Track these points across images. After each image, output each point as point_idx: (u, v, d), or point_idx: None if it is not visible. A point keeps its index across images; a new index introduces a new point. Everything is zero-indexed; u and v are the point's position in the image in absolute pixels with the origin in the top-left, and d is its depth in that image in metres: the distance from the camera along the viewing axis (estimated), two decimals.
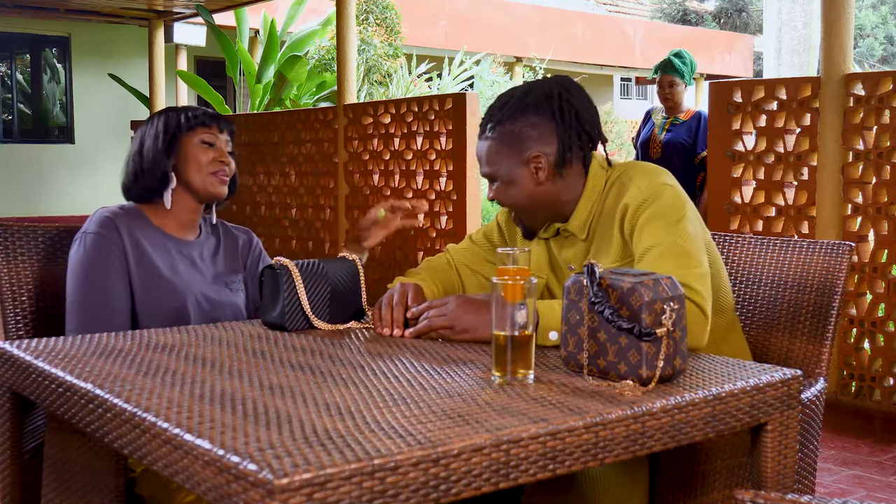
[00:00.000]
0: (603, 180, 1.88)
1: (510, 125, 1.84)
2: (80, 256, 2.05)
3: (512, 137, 1.84)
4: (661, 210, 1.77)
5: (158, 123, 2.16)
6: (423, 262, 2.10)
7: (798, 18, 10.58)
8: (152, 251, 2.10)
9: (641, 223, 1.78)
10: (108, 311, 2.01)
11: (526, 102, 1.85)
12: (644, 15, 21.08)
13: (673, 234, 1.74)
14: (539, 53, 14.13)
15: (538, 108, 1.84)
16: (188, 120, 2.15)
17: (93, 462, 1.68)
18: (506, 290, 1.39)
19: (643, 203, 1.79)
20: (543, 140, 1.83)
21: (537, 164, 1.83)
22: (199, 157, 2.13)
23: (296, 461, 1.01)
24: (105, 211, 2.11)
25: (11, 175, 11.90)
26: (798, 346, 1.98)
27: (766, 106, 4.20)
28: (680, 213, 1.78)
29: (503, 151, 1.85)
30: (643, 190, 1.80)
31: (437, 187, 5.28)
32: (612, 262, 1.83)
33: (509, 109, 1.85)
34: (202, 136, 2.14)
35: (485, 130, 1.88)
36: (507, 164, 1.85)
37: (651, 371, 1.38)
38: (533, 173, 1.84)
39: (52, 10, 9.48)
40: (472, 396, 1.31)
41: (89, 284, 2.02)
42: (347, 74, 6.00)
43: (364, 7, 10.14)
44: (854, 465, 3.36)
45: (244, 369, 1.48)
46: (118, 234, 2.07)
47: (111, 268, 2.04)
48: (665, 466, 1.72)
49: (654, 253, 1.73)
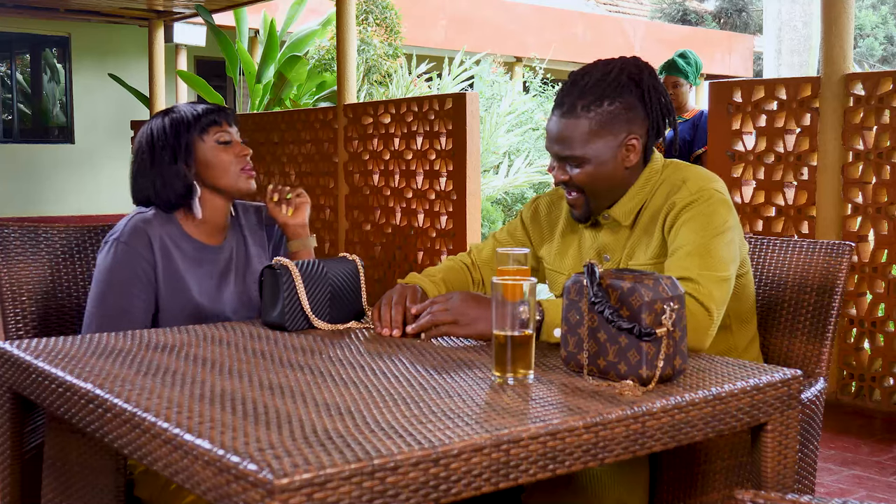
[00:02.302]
0: (658, 174, 1.88)
1: (607, 105, 1.79)
2: (107, 265, 2.00)
3: (608, 118, 1.79)
4: (705, 213, 1.77)
5: (166, 132, 2.06)
6: (441, 262, 2.09)
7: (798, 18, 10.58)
8: (183, 264, 2.05)
9: (681, 222, 1.78)
10: (126, 326, 1.97)
11: (618, 82, 1.80)
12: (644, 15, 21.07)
13: (707, 236, 1.74)
14: (539, 53, 14.13)
15: (630, 90, 1.81)
16: (198, 121, 2.07)
17: (93, 462, 1.68)
18: (506, 290, 1.39)
19: (690, 204, 1.78)
20: (637, 123, 1.82)
21: (630, 146, 1.82)
22: (221, 158, 2.07)
23: (296, 461, 1.01)
24: (140, 219, 2.03)
25: (11, 175, 11.89)
26: (798, 346, 1.98)
27: (766, 106, 4.20)
28: (721, 221, 1.77)
29: (597, 132, 1.80)
30: (693, 192, 1.79)
31: (437, 187, 5.28)
32: (649, 259, 1.83)
33: (600, 89, 1.80)
34: (216, 136, 2.08)
35: (574, 109, 1.80)
36: (600, 144, 1.80)
37: (651, 371, 1.38)
38: (625, 156, 1.82)
39: (52, 10, 9.48)
40: (472, 396, 1.31)
41: (112, 299, 1.98)
42: (347, 74, 6.00)
43: (364, 7, 10.14)
44: (854, 465, 3.36)
45: (244, 369, 1.48)
46: (149, 248, 2.01)
47: (135, 283, 1.99)
48: (665, 466, 1.72)
49: (682, 251, 1.74)
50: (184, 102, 2.20)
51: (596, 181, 1.83)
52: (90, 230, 2.26)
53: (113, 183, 12.09)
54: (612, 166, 1.82)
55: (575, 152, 1.81)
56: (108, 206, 12.23)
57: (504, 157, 10.68)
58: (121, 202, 11.54)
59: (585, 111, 1.80)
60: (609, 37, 16.41)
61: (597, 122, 1.80)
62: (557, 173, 1.86)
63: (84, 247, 2.24)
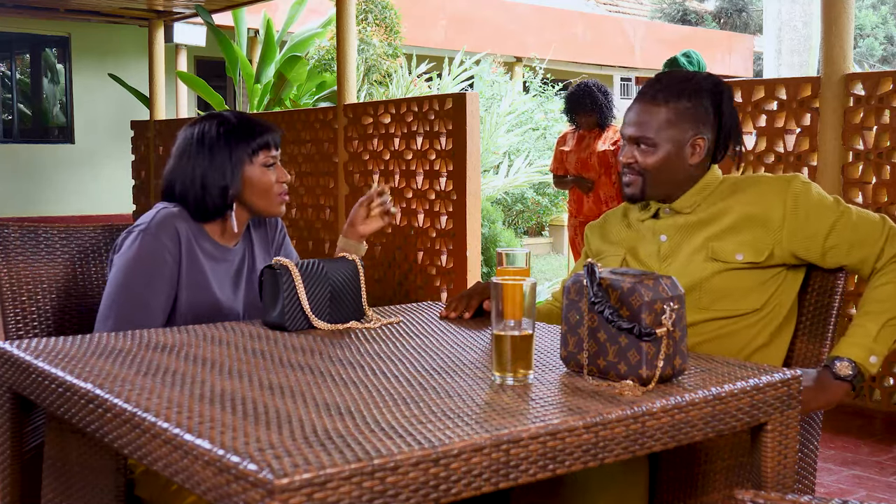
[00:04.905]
0: (718, 181, 2.01)
1: (685, 102, 1.95)
2: (132, 253, 1.99)
3: (683, 113, 1.95)
4: (814, 192, 1.91)
5: (221, 142, 2.05)
6: None
7: (798, 18, 10.58)
8: (205, 261, 2.06)
9: (802, 210, 1.88)
10: (143, 318, 1.97)
11: (700, 86, 1.97)
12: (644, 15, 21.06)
13: (839, 208, 1.89)
14: (539, 53, 14.13)
15: (709, 97, 1.97)
16: (253, 140, 2.06)
17: (93, 462, 1.68)
18: (506, 290, 1.39)
19: (789, 181, 1.92)
20: (707, 127, 1.97)
21: (696, 145, 1.96)
22: (265, 181, 2.08)
23: (296, 461, 1.01)
24: (167, 213, 2.02)
25: (11, 175, 11.89)
26: (798, 346, 1.98)
27: (766, 106, 4.20)
28: (824, 193, 1.93)
29: (671, 121, 1.95)
30: (781, 175, 1.95)
31: (437, 187, 5.28)
32: (721, 232, 1.92)
33: (682, 87, 1.96)
34: (265, 159, 2.08)
35: (655, 98, 1.97)
36: (671, 133, 1.95)
37: (651, 371, 1.38)
38: (690, 152, 1.96)
39: (51, 10, 9.47)
40: (472, 396, 1.31)
41: (134, 289, 1.97)
42: (347, 74, 6.00)
43: (364, 7, 10.13)
44: (854, 465, 3.36)
45: (244, 369, 1.48)
46: (176, 240, 2.01)
47: (157, 276, 1.99)
48: (665, 466, 1.72)
49: (845, 238, 1.87)
50: (231, 111, 2.15)
51: (658, 168, 1.96)
52: (90, 230, 2.26)
53: (113, 183, 12.10)
54: (676, 158, 1.96)
55: (647, 134, 1.96)
56: (109, 206, 12.23)
57: (504, 157, 10.69)
58: (121, 202, 11.55)
59: (664, 102, 1.96)
60: (609, 37, 16.41)
61: (673, 113, 1.95)
62: (626, 154, 2.00)
63: (84, 247, 2.24)
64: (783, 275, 1.92)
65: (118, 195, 11.68)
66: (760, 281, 1.90)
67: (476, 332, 1.85)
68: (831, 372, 1.77)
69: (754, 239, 1.88)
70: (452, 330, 1.86)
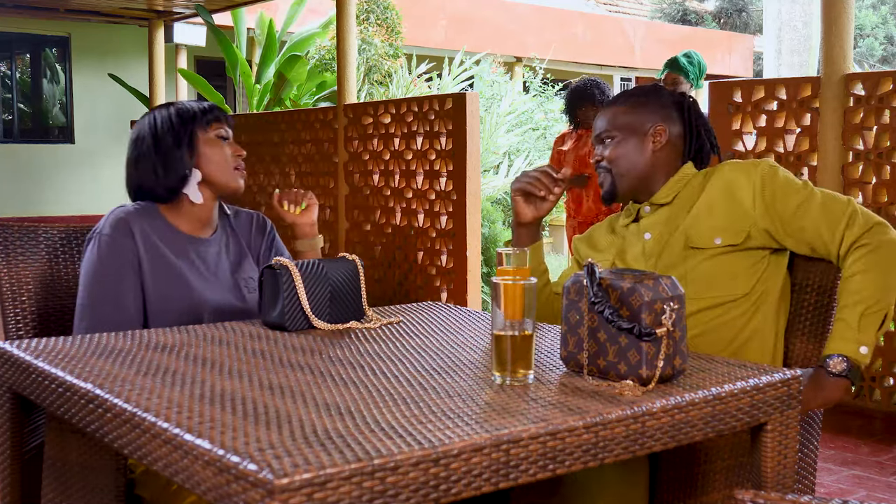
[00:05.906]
0: (694, 173, 2.06)
1: (643, 99, 2.08)
2: (93, 258, 2.03)
3: (641, 105, 2.07)
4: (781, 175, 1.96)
5: (171, 120, 2.11)
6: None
7: (798, 18, 10.58)
8: (169, 253, 2.07)
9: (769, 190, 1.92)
10: (118, 316, 1.99)
11: (660, 92, 2.10)
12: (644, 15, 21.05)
13: (807, 190, 1.94)
14: (539, 53, 14.12)
15: (668, 99, 2.09)
16: (203, 114, 2.13)
17: (93, 462, 1.68)
18: (506, 290, 1.39)
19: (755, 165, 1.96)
20: (669, 120, 2.06)
21: (658, 132, 2.04)
22: (220, 153, 2.13)
23: (296, 461, 1.01)
24: (120, 212, 2.08)
25: (11, 175, 11.89)
26: (798, 346, 1.98)
27: (766, 106, 4.20)
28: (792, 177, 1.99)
29: (628, 111, 2.06)
30: (748, 161, 2.00)
31: (437, 187, 5.28)
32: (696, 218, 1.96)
33: (642, 91, 2.10)
34: (217, 131, 2.15)
35: (616, 101, 2.11)
36: (629, 119, 2.05)
37: (651, 371, 1.38)
38: (651, 140, 2.04)
39: (51, 10, 9.47)
40: (472, 396, 1.31)
41: (100, 289, 2.00)
42: (347, 74, 5.99)
43: (364, 7, 10.13)
44: (854, 465, 3.36)
45: (244, 369, 1.48)
46: (132, 238, 2.04)
47: (123, 273, 2.01)
48: (665, 466, 1.72)
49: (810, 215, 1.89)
50: (183, 100, 2.25)
51: (621, 157, 2.04)
52: (90, 230, 2.26)
53: (113, 183, 12.07)
54: (638, 147, 2.04)
55: (607, 128, 2.08)
56: (109, 205, 12.04)
57: (504, 157, 10.68)
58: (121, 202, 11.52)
59: (623, 103, 2.09)
60: (609, 37, 16.41)
61: (631, 106, 2.07)
62: (594, 154, 2.10)
63: (84, 247, 2.24)
64: (767, 259, 1.94)
65: (118, 195, 11.57)
66: (744, 266, 1.92)
67: (476, 332, 1.85)
68: (825, 370, 1.78)
69: (729, 222, 1.93)
70: (452, 330, 1.86)
